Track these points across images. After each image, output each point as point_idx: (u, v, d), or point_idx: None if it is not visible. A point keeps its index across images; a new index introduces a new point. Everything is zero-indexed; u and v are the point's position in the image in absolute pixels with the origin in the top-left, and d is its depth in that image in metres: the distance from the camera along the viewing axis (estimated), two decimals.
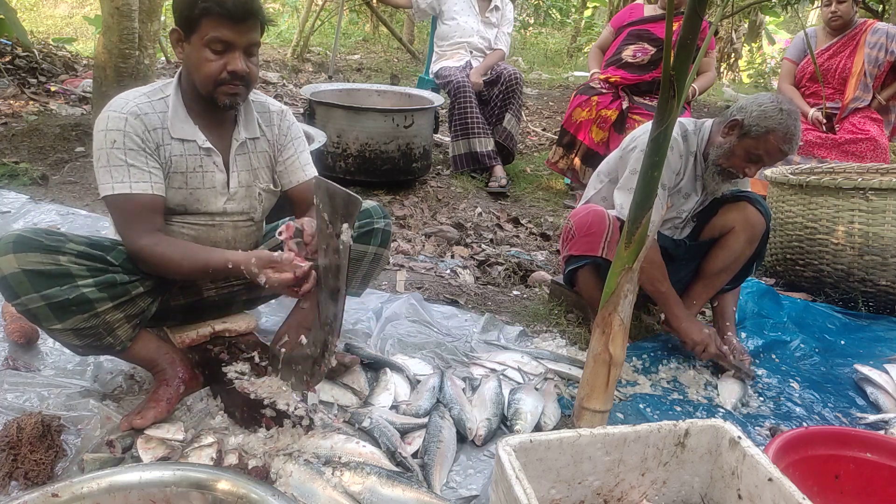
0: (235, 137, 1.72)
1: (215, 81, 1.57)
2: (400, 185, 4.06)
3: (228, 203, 1.73)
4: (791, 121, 2.02)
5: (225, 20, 1.51)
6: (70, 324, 1.49)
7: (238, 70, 1.56)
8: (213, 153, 1.68)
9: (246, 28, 1.54)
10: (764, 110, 2.03)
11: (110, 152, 1.54)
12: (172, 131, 1.62)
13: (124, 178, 1.54)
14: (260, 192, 1.80)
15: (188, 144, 1.64)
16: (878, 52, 3.85)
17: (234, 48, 1.55)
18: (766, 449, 1.50)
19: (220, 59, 1.55)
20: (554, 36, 12.57)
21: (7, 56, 5.30)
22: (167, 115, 1.61)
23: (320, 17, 8.19)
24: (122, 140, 1.54)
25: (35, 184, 3.37)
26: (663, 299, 2.22)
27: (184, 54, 1.59)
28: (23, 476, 1.43)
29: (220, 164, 1.70)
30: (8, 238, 1.45)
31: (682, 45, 1.45)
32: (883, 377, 2.18)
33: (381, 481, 1.47)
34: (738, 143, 2.09)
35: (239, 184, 1.74)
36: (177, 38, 1.58)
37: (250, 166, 1.77)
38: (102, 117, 1.57)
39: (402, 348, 2.18)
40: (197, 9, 1.50)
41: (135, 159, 1.55)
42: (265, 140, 1.80)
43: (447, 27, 4.59)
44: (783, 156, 2.08)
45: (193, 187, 1.67)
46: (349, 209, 1.40)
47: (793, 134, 2.02)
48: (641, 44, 4.02)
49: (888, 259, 2.71)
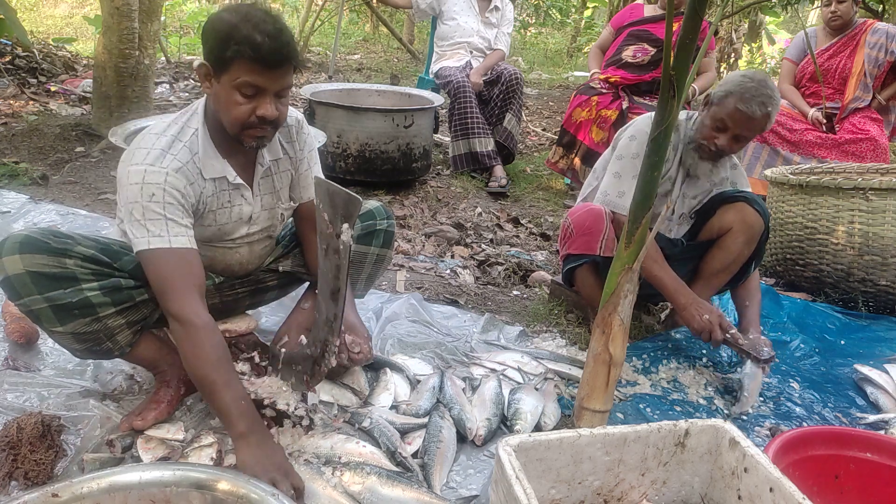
0: (260, 162, 1.68)
1: (243, 125, 1.50)
2: (400, 185, 4.06)
3: (252, 227, 1.72)
4: (751, 83, 1.99)
5: (258, 65, 1.43)
6: (71, 327, 1.49)
7: (268, 115, 1.49)
8: (241, 188, 1.65)
9: (280, 74, 1.47)
10: (728, 79, 2.08)
11: (146, 206, 1.46)
12: (205, 172, 1.57)
13: (162, 231, 1.47)
14: (282, 213, 1.78)
15: (219, 181, 1.61)
16: (878, 53, 3.85)
17: (265, 93, 1.48)
18: (766, 449, 1.50)
19: (250, 102, 1.48)
20: (554, 36, 12.58)
21: (7, 56, 5.30)
22: (199, 156, 1.55)
23: (320, 17, 8.19)
24: (162, 195, 1.47)
25: (35, 184, 3.37)
26: (659, 284, 2.14)
27: (211, 90, 1.52)
28: (23, 476, 1.43)
29: (249, 198, 1.68)
30: (16, 238, 1.44)
31: (682, 45, 1.45)
32: (883, 377, 2.18)
33: (381, 481, 1.48)
34: (706, 114, 2.12)
35: (262, 208, 1.72)
36: (205, 73, 1.50)
37: (273, 188, 1.74)
38: (138, 168, 1.47)
39: (402, 348, 2.18)
40: (230, 50, 1.42)
41: (173, 213, 1.48)
42: (287, 159, 1.76)
43: (447, 27, 4.59)
44: (747, 119, 2.00)
45: (221, 223, 1.66)
46: (349, 209, 1.40)
47: (753, 95, 1.98)
48: (641, 44, 4.02)
49: (888, 259, 2.71)
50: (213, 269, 1.74)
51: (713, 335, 2.06)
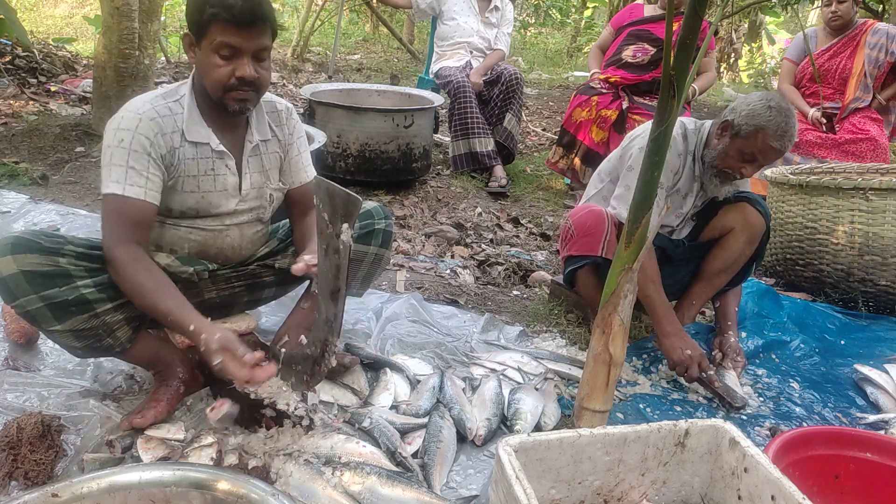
0: (249, 139, 1.72)
1: (224, 87, 1.56)
2: (400, 185, 4.06)
3: (240, 204, 1.73)
4: (781, 117, 1.98)
5: (232, 25, 1.49)
6: (69, 325, 1.49)
7: (246, 76, 1.55)
8: (225, 156, 1.68)
9: (254, 33, 1.53)
10: (752, 109, 2.01)
11: (115, 150, 1.53)
12: (188, 134, 1.61)
13: (120, 178, 1.52)
14: (271, 194, 1.80)
15: (201, 147, 1.64)
16: (879, 53, 3.85)
17: (242, 53, 1.53)
18: (766, 449, 1.50)
19: (229, 64, 1.54)
20: (554, 36, 12.57)
21: (7, 56, 5.30)
22: (183, 116, 1.61)
23: (320, 17, 8.19)
24: (130, 140, 1.53)
25: (35, 184, 3.37)
26: (650, 305, 2.12)
27: (196, 58, 1.59)
28: (23, 476, 1.43)
29: (233, 167, 1.70)
30: (6, 240, 1.45)
31: (682, 45, 1.45)
32: (883, 377, 2.18)
33: (381, 481, 1.48)
34: (730, 143, 2.07)
35: (251, 185, 1.74)
36: (189, 43, 1.58)
37: (262, 168, 1.77)
38: (117, 116, 1.56)
39: (402, 348, 2.18)
40: (205, 14, 1.49)
41: (136, 161, 1.53)
42: (276, 141, 1.80)
43: (447, 27, 4.59)
44: (777, 153, 2.04)
45: (205, 191, 1.67)
46: (349, 209, 1.40)
47: (784, 130, 1.98)
48: (641, 44, 4.02)
49: (888, 259, 2.71)
50: (207, 254, 1.75)
51: (689, 371, 2.03)
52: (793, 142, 2.04)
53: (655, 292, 2.10)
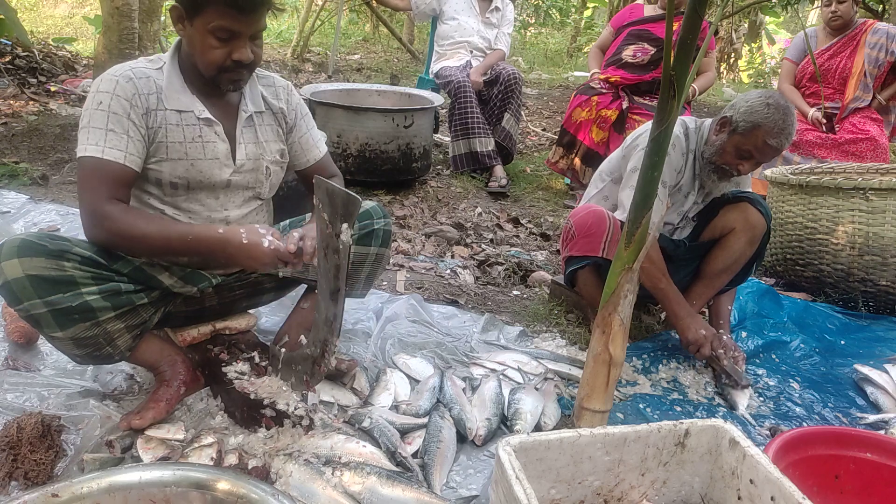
0: (243, 109, 1.69)
1: (219, 68, 1.54)
2: (400, 185, 4.06)
3: (234, 175, 1.69)
4: (779, 115, 1.99)
5: (233, 9, 1.46)
6: (71, 332, 1.48)
7: (244, 59, 1.53)
8: (213, 123, 1.64)
9: (255, 18, 1.50)
10: (751, 106, 2.02)
11: (93, 113, 1.50)
12: (167, 102, 1.58)
13: (99, 141, 1.48)
14: (267, 167, 1.76)
15: (185, 115, 1.61)
16: (879, 53, 3.85)
17: (240, 37, 1.51)
18: (766, 449, 1.50)
19: (225, 46, 1.51)
20: (554, 36, 12.56)
21: (7, 56, 5.30)
22: (162, 84, 1.58)
23: (320, 17, 8.20)
24: (109, 102, 1.50)
25: (35, 184, 3.37)
26: (663, 296, 2.19)
27: (185, 32, 1.54)
28: (23, 476, 1.43)
29: (222, 134, 1.66)
30: (13, 242, 1.43)
31: (682, 45, 1.45)
32: (883, 377, 2.18)
33: (381, 481, 1.47)
34: (728, 140, 2.08)
35: (246, 156, 1.70)
36: (178, 15, 1.53)
37: (257, 139, 1.73)
38: (96, 80, 1.54)
39: (402, 348, 2.18)
40: None
41: (115, 124, 1.50)
42: (270, 113, 1.77)
43: (447, 27, 4.59)
44: (774, 151, 2.04)
45: (194, 158, 1.62)
46: (349, 209, 1.40)
47: (781, 128, 1.99)
48: (641, 44, 4.02)
49: (888, 259, 2.71)
50: None
51: (702, 349, 2.13)
52: (790, 140, 2.04)
53: (667, 284, 2.16)
